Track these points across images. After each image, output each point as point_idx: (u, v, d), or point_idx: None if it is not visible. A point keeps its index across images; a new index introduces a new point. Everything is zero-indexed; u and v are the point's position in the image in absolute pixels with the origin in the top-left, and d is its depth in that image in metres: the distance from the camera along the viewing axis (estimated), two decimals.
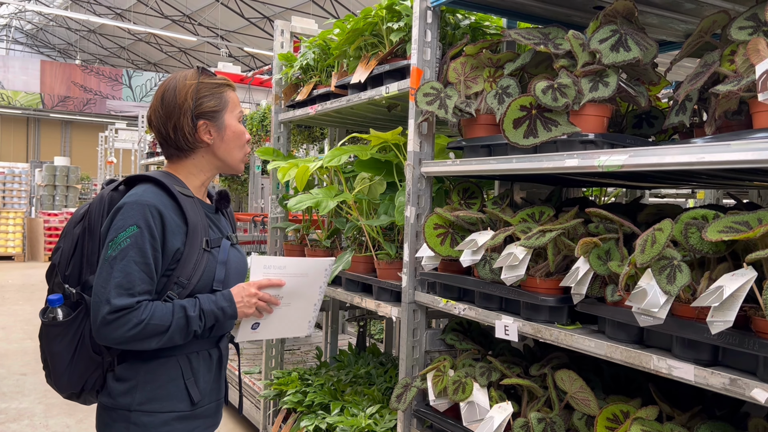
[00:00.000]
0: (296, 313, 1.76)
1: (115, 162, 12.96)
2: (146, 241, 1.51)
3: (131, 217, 1.52)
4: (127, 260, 1.49)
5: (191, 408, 1.64)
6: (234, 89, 1.75)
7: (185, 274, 1.58)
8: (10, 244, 13.34)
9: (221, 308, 1.58)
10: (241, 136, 1.71)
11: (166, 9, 22.09)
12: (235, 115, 1.70)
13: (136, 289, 1.49)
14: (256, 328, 1.71)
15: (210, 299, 1.58)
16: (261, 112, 5.01)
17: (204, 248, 1.61)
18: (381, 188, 2.68)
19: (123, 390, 1.59)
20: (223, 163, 1.72)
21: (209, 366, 1.69)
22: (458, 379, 2.01)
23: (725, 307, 1.25)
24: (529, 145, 1.78)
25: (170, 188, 1.59)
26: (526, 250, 1.74)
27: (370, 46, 2.70)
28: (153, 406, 1.58)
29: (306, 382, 3.18)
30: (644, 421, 1.57)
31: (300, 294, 1.73)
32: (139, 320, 1.48)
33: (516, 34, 1.93)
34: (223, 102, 1.68)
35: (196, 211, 1.63)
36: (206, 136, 1.66)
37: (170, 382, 1.61)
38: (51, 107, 23.94)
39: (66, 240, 1.65)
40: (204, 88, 1.66)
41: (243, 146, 1.73)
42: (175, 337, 1.54)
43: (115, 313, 1.47)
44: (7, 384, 4.99)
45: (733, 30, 1.54)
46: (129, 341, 1.50)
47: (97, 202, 1.65)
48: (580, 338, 1.63)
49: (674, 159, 1.40)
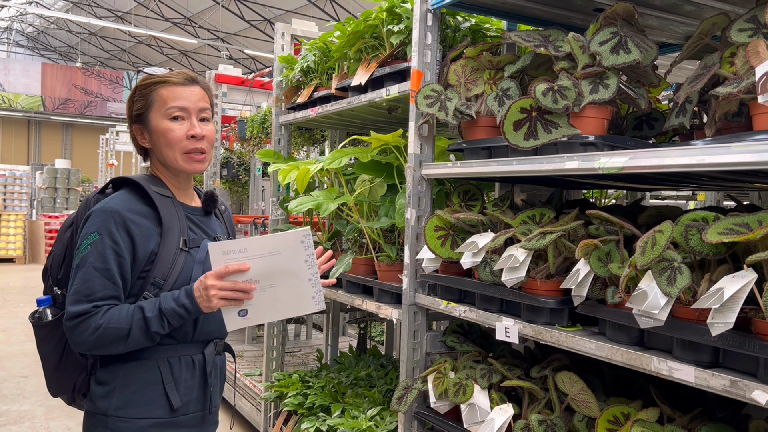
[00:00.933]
0: (288, 292, 1.60)
1: (116, 164, 12.96)
2: (106, 246, 1.50)
3: (93, 224, 1.52)
4: (86, 267, 1.50)
5: (170, 415, 1.59)
6: (174, 84, 1.62)
7: (161, 273, 1.56)
8: (11, 247, 13.35)
9: (182, 305, 1.50)
10: (165, 134, 1.59)
11: (166, 12, 22.12)
12: (163, 113, 1.60)
13: (96, 295, 1.49)
14: (245, 315, 1.58)
15: (170, 297, 1.51)
16: (262, 115, 5.02)
17: (181, 248, 1.59)
18: (381, 190, 2.69)
19: (102, 394, 1.57)
20: (165, 165, 1.65)
21: (192, 372, 1.63)
22: (459, 381, 2.01)
23: (726, 308, 1.25)
24: (530, 147, 1.79)
25: (146, 189, 1.59)
26: (527, 252, 1.74)
27: (370, 48, 2.70)
28: (129, 411, 1.55)
29: (307, 384, 3.18)
30: (645, 423, 1.57)
31: (281, 272, 1.57)
32: (96, 325, 1.47)
33: (516, 36, 1.93)
34: (149, 102, 1.61)
35: (172, 212, 1.62)
36: (141, 140, 1.65)
37: (148, 386, 1.57)
38: (52, 110, 23.99)
39: (58, 244, 1.67)
40: (136, 92, 1.64)
41: (172, 144, 1.60)
42: (140, 340, 1.50)
43: (74, 319, 1.48)
44: (8, 386, 5.00)
45: (733, 32, 1.55)
46: (94, 347, 1.49)
47: (83, 206, 1.66)
48: (580, 340, 1.63)
49: (675, 161, 1.40)
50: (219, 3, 19.77)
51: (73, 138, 27.60)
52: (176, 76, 1.63)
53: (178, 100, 1.60)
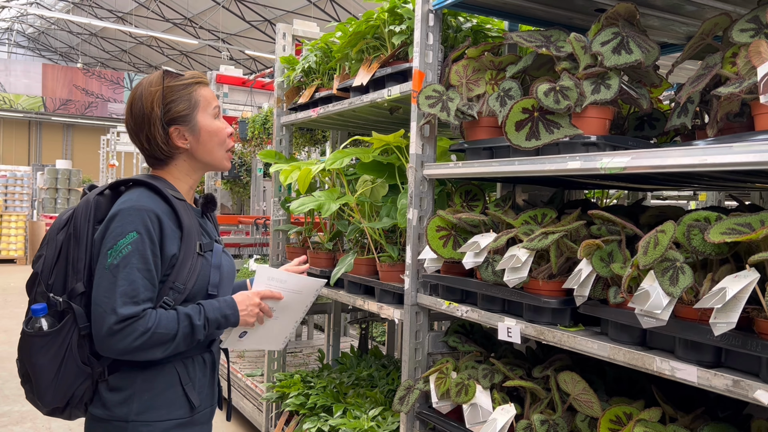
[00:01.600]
0: (280, 327, 1.77)
1: (117, 165, 12.97)
2: (147, 247, 1.48)
3: (130, 222, 1.48)
4: (129, 268, 1.46)
5: (190, 414, 1.60)
6: (205, 84, 1.67)
7: (181, 279, 1.55)
8: (12, 247, 13.36)
9: (225, 316, 1.57)
10: (219, 133, 1.65)
11: (167, 12, 22.13)
12: (209, 113, 1.63)
13: (140, 297, 1.46)
14: (243, 337, 1.70)
15: (214, 307, 1.56)
16: (263, 115, 5.02)
17: (198, 252, 1.59)
18: (383, 191, 2.69)
19: (119, 400, 1.53)
20: (205, 165, 1.68)
21: (204, 370, 1.66)
22: (461, 381, 2.01)
23: (728, 308, 1.25)
24: (532, 147, 1.79)
25: (164, 192, 1.55)
26: (529, 252, 1.75)
27: (372, 49, 2.71)
28: (151, 415, 1.54)
29: (308, 384, 3.18)
30: (647, 423, 1.57)
31: (290, 309, 1.75)
32: (145, 329, 1.45)
33: (518, 36, 1.94)
34: (193, 102, 1.60)
35: (189, 215, 1.60)
36: (181, 142, 1.61)
37: (168, 388, 1.57)
38: (53, 110, 23.99)
39: (49, 247, 1.56)
40: (170, 92, 1.59)
41: (223, 143, 1.67)
42: (180, 346, 1.52)
43: (122, 322, 1.43)
44: (10, 387, 5.00)
45: (734, 32, 1.55)
46: (134, 351, 1.46)
47: (82, 206, 1.57)
48: (583, 340, 1.63)
49: (677, 161, 1.41)
50: (219, 3, 19.78)
51: (74, 139, 27.61)
52: (204, 77, 1.67)
53: (215, 100, 1.67)
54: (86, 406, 1.58)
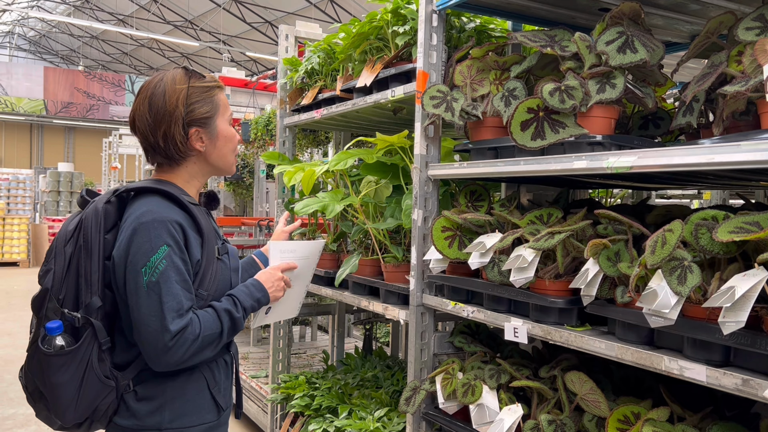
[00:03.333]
0: (295, 294, 1.85)
1: (119, 167, 12.98)
2: (178, 257, 1.47)
3: (158, 237, 1.45)
4: (170, 282, 1.44)
5: (218, 417, 1.62)
6: (223, 89, 1.68)
7: (204, 285, 1.54)
8: (15, 250, 13.37)
9: (257, 299, 1.63)
10: (232, 140, 1.67)
11: (168, 15, 22.15)
12: (226, 119, 1.64)
13: (184, 308, 1.47)
14: (269, 313, 1.76)
15: (245, 294, 1.61)
16: (266, 117, 5.02)
17: (217, 257, 1.59)
18: (387, 191, 2.69)
19: (150, 410, 1.52)
20: (215, 169, 1.67)
21: (227, 373, 1.69)
22: (467, 381, 2.01)
23: (737, 307, 1.25)
24: (537, 147, 1.79)
25: (180, 199, 1.52)
26: (535, 252, 1.74)
27: (375, 49, 2.71)
28: (184, 421, 1.54)
29: (313, 385, 3.18)
30: (656, 422, 1.56)
31: (302, 275, 1.83)
32: (195, 336, 1.46)
33: (522, 36, 1.94)
34: (215, 106, 1.59)
35: (206, 219, 1.60)
36: (198, 144, 1.58)
37: (198, 394, 1.58)
38: (54, 113, 24.03)
39: (57, 260, 1.50)
40: (195, 93, 1.55)
41: (235, 149, 1.70)
42: (224, 340, 1.56)
43: (175, 337, 1.44)
44: (14, 390, 5.01)
45: (740, 31, 1.55)
46: (190, 358, 1.48)
47: (91, 216, 1.51)
48: (590, 340, 1.63)
49: (684, 160, 1.40)
50: (220, 5, 19.80)
51: (76, 141, 27.65)
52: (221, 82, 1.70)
53: (229, 107, 1.69)
54: (110, 418, 1.54)
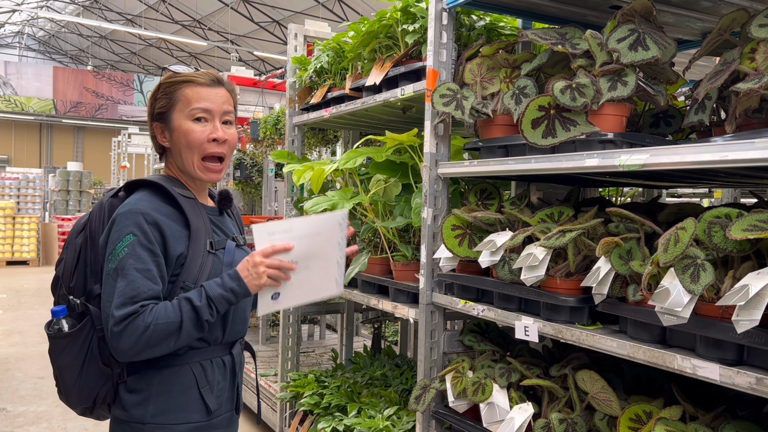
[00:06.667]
0: (318, 274, 1.62)
1: (128, 166, 13.03)
2: (143, 247, 1.47)
3: (126, 226, 1.48)
4: (127, 269, 1.45)
5: (207, 418, 1.58)
6: (199, 85, 1.59)
7: (191, 277, 1.53)
8: (25, 249, 13.45)
9: (230, 289, 1.49)
10: (187, 135, 1.57)
11: (176, 14, 22.22)
12: (186, 114, 1.57)
13: (141, 296, 1.45)
14: (277, 298, 1.58)
15: (216, 284, 1.50)
16: (275, 116, 5.03)
17: (208, 251, 1.58)
18: (396, 190, 2.69)
19: (136, 402, 1.54)
20: (182, 168, 1.62)
21: (224, 374, 1.64)
22: (478, 380, 2.00)
23: (751, 306, 1.24)
24: (548, 145, 1.78)
25: (170, 191, 1.55)
26: (546, 250, 1.74)
27: (384, 48, 2.70)
28: (167, 417, 1.53)
29: (322, 384, 3.18)
30: (668, 422, 1.56)
31: (317, 254, 1.60)
32: (146, 324, 1.42)
33: (533, 34, 1.93)
34: (173, 100, 1.58)
35: (198, 213, 1.59)
36: (161, 139, 1.62)
37: (184, 391, 1.55)
38: (63, 113, 24.15)
39: (68, 251, 1.59)
40: (160, 89, 1.61)
41: (193, 146, 1.58)
42: (191, 333, 1.48)
43: (121, 322, 1.42)
44: (25, 387, 5.04)
45: (753, 28, 1.54)
46: (143, 348, 1.44)
47: (97, 210, 1.60)
48: (602, 338, 1.63)
49: (697, 157, 1.39)
50: (228, 5, 19.84)
51: (85, 141, 27.80)
52: (202, 76, 1.61)
53: (202, 101, 1.58)
54: (109, 407, 1.59)
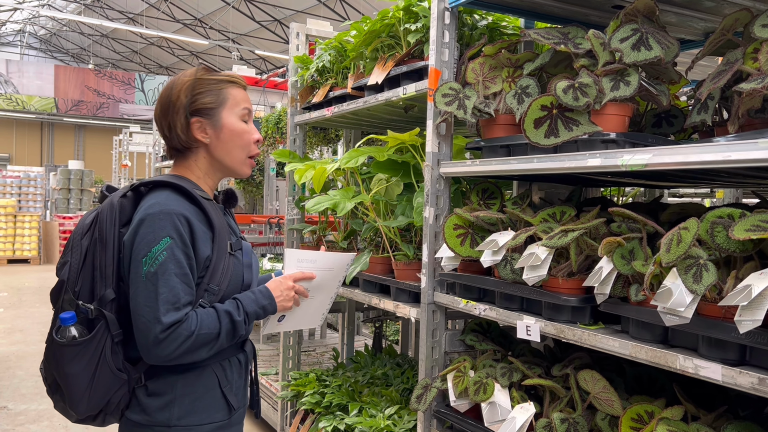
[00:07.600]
0: (316, 305, 1.81)
1: (129, 165, 13.04)
2: (181, 250, 1.47)
3: (162, 228, 1.46)
4: (168, 274, 1.44)
5: (229, 416, 1.61)
6: (241, 87, 1.66)
7: (215, 280, 1.54)
8: (26, 248, 13.47)
9: (262, 307, 1.58)
10: (241, 135, 1.62)
11: (177, 13, 22.23)
12: (235, 113, 1.62)
13: (182, 302, 1.45)
14: (282, 321, 1.73)
15: (250, 299, 1.56)
16: (276, 115, 5.03)
17: (229, 252, 1.58)
18: (398, 189, 2.69)
19: (159, 405, 1.53)
20: (222, 165, 1.64)
21: (240, 372, 1.67)
22: (479, 379, 2.00)
23: (753, 306, 1.24)
24: (551, 144, 1.78)
25: (191, 192, 1.53)
26: (549, 250, 1.74)
27: (386, 47, 2.70)
28: (193, 419, 1.54)
29: (323, 383, 3.18)
30: (670, 422, 1.56)
31: (323, 287, 1.79)
32: (189, 332, 1.44)
33: (535, 33, 1.93)
34: (221, 98, 1.60)
35: (218, 215, 1.59)
36: (200, 134, 1.59)
37: (208, 392, 1.57)
38: (65, 111, 24.14)
39: (73, 253, 1.53)
40: (200, 84, 1.59)
41: (245, 146, 1.64)
42: (223, 344, 1.53)
43: (167, 330, 1.43)
44: (27, 386, 5.04)
45: (756, 27, 1.54)
46: (181, 355, 1.46)
47: (106, 210, 1.54)
48: (604, 338, 1.63)
49: (700, 157, 1.39)
50: (229, 4, 19.84)
51: (86, 139, 27.81)
52: (240, 79, 1.67)
53: (246, 103, 1.65)
54: (122, 412, 1.56)
